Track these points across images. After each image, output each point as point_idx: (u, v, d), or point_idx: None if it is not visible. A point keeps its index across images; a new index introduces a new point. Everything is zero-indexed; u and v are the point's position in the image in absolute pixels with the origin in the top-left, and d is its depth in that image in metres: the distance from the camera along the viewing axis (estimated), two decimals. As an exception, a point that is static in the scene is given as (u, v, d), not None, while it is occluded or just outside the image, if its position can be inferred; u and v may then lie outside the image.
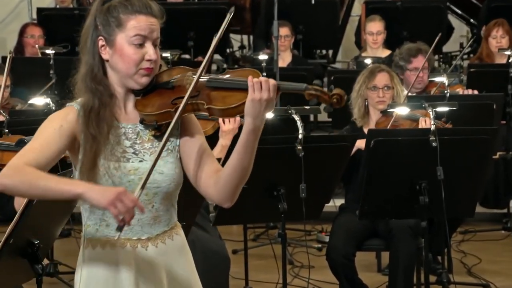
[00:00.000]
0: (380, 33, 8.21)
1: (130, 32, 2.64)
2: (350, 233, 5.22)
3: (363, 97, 5.55)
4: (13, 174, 2.53)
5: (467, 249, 6.73)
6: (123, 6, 2.66)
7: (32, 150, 2.59)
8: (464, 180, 4.79)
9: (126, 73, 2.65)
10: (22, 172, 2.53)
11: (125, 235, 2.66)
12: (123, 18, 2.65)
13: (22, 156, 2.58)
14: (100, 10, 2.68)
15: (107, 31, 2.66)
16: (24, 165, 2.55)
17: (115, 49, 2.65)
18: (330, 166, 4.81)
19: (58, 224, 4.13)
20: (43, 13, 8.97)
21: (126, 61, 2.64)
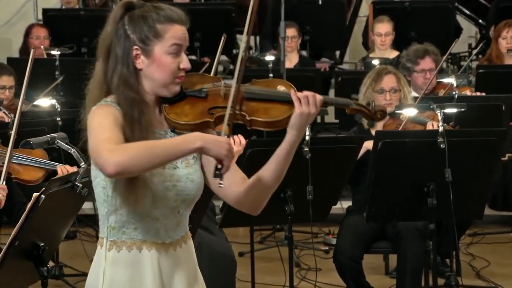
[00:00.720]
0: (388, 34, 8.19)
1: (168, 42, 2.65)
2: (358, 236, 5.22)
3: (369, 99, 5.53)
4: (123, 152, 2.46)
5: (475, 252, 6.71)
6: (157, 15, 2.67)
7: (110, 137, 2.52)
8: (472, 182, 4.79)
9: (163, 83, 2.67)
10: (126, 149, 2.47)
11: (151, 239, 2.69)
12: (160, 28, 2.65)
13: (108, 142, 2.49)
14: (130, 18, 2.67)
15: (144, 41, 2.65)
16: (123, 145, 2.50)
17: (153, 59, 2.66)
18: (337, 168, 4.81)
19: (64, 226, 4.15)
20: (48, 13, 8.99)
21: (164, 71, 2.66)
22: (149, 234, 2.67)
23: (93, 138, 2.54)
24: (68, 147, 4.19)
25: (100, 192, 2.68)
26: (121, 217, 2.68)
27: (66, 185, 3.86)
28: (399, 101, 5.54)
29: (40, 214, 3.66)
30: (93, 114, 2.62)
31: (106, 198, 2.67)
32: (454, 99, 6.02)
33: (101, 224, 2.72)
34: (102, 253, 2.72)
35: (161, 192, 2.65)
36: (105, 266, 2.70)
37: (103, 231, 2.72)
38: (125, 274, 2.69)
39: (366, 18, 9.58)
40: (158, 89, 2.68)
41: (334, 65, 9.53)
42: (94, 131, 2.56)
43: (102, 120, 2.58)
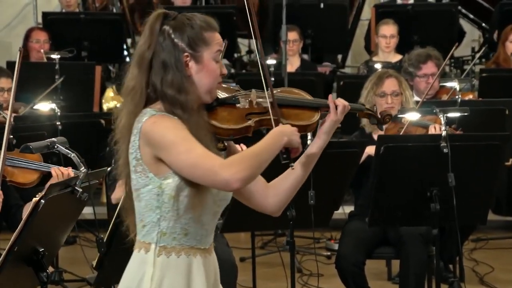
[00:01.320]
0: (393, 36, 8.17)
1: (213, 48, 2.80)
2: (360, 241, 5.22)
3: (371, 103, 5.53)
4: (240, 166, 2.63)
5: (479, 257, 6.71)
6: (201, 23, 2.79)
7: (205, 152, 2.66)
8: (476, 186, 4.78)
9: (209, 88, 2.80)
10: (242, 162, 2.65)
11: (196, 245, 2.81)
12: (206, 35, 2.79)
13: (210, 158, 2.65)
14: (174, 27, 2.77)
15: (193, 47, 2.77)
16: (231, 159, 2.68)
17: (203, 65, 2.78)
18: (339, 172, 4.81)
19: (63, 231, 4.15)
20: (48, 17, 8.99)
21: (212, 76, 2.79)
22: (195, 240, 2.80)
23: (185, 154, 2.65)
24: (68, 151, 4.19)
25: (152, 199, 2.75)
26: (174, 223, 2.77)
27: (66, 190, 3.86)
28: (400, 104, 5.54)
29: (40, 219, 3.66)
30: (158, 127, 2.69)
31: (160, 205, 2.74)
32: (457, 103, 6.02)
33: (148, 229, 2.78)
34: (148, 258, 2.78)
35: (208, 199, 2.79)
36: (154, 271, 2.77)
37: (149, 236, 2.78)
38: (175, 279, 2.78)
39: (368, 22, 9.58)
40: (202, 95, 2.79)
41: (336, 69, 9.54)
42: (177, 146, 2.66)
43: (178, 133, 2.68)
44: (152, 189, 2.74)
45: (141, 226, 2.80)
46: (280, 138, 2.73)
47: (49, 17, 8.98)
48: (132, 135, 2.75)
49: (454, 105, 5.92)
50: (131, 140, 2.75)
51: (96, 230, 3.99)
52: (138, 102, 2.77)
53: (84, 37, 8.73)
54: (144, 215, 2.78)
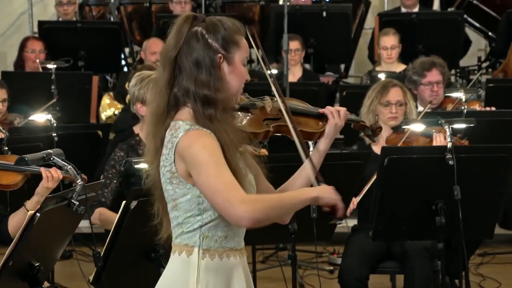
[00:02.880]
0: (394, 47, 8.17)
1: (243, 52, 2.90)
2: (364, 255, 5.22)
3: (374, 112, 5.54)
4: (258, 206, 2.74)
5: (486, 272, 6.70)
6: (233, 26, 2.88)
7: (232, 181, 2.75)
8: (482, 199, 4.79)
9: (237, 90, 2.89)
10: (260, 203, 2.76)
11: (234, 246, 2.92)
12: (237, 38, 2.88)
13: (234, 188, 2.74)
14: (207, 28, 2.83)
15: (226, 48, 2.85)
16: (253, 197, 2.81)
17: (234, 67, 2.87)
18: (342, 184, 4.78)
19: (59, 245, 4.14)
20: (44, 26, 9.01)
21: (240, 79, 2.89)
22: (234, 242, 2.91)
23: (213, 178, 2.74)
24: (64, 163, 4.19)
25: (193, 208, 2.84)
26: (216, 227, 2.86)
27: (62, 202, 3.86)
28: (404, 115, 5.54)
29: (35, 233, 3.66)
30: (194, 145, 2.76)
31: (201, 213, 2.84)
32: (463, 114, 6.02)
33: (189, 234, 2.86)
34: (191, 261, 2.87)
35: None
36: (199, 274, 2.86)
37: (191, 239, 2.86)
38: (219, 280, 2.89)
39: (372, 31, 9.60)
40: (229, 98, 2.87)
41: (339, 79, 9.55)
42: (208, 168, 2.75)
43: (212, 154, 2.76)
44: (191, 198, 2.83)
45: (180, 231, 2.88)
46: (308, 192, 2.85)
47: (45, 26, 9.00)
48: (166, 148, 2.83)
49: (460, 116, 5.91)
50: (164, 153, 2.83)
51: (93, 244, 3.99)
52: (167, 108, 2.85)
53: (81, 47, 8.75)
54: (184, 222, 2.86)
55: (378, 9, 10.66)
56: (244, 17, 9.51)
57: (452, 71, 9.47)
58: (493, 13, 10.05)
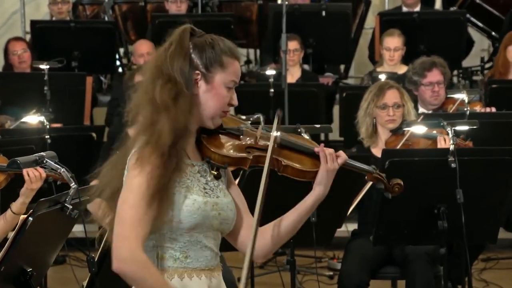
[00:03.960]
0: (398, 49, 8.15)
1: (229, 76, 2.85)
2: (364, 260, 5.22)
3: (371, 115, 5.54)
4: (132, 268, 2.69)
5: (489, 278, 6.71)
6: (224, 46, 2.86)
7: (141, 224, 2.70)
8: (485, 203, 4.79)
9: (213, 112, 2.84)
10: (138, 269, 2.70)
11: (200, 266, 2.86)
12: (225, 60, 2.84)
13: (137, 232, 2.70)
14: (194, 43, 2.84)
15: (207, 67, 2.83)
16: (141, 258, 2.70)
17: (212, 87, 2.83)
18: (342, 188, 4.80)
19: (52, 250, 4.14)
20: (37, 25, 8.99)
21: (218, 101, 2.84)
22: (198, 262, 2.84)
23: (126, 206, 2.71)
24: (57, 166, 4.19)
25: None
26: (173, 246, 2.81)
27: (55, 206, 3.86)
28: (402, 117, 5.54)
29: (28, 238, 3.67)
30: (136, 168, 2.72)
31: (155, 230, 2.77)
32: (466, 115, 6.02)
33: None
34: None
35: (209, 221, 2.83)
36: None
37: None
38: None
39: (373, 31, 9.60)
40: (204, 119, 2.84)
41: (338, 80, 9.55)
42: (130, 194, 2.71)
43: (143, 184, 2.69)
44: None
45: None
46: None
47: (38, 26, 8.99)
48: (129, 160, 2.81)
49: (462, 117, 5.91)
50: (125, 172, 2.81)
51: (87, 249, 3.99)
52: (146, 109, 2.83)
53: (74, 47, 8.75)
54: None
55: (378, 8, 10.66)
56: (241, 16, 9.52)
57: (455, 71, 9.47)
58: (496, 12, 10.06)
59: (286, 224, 2.99)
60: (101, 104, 9.10)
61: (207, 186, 2.85)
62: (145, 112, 2.82)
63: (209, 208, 2.81)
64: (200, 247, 2.84)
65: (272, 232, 2.97)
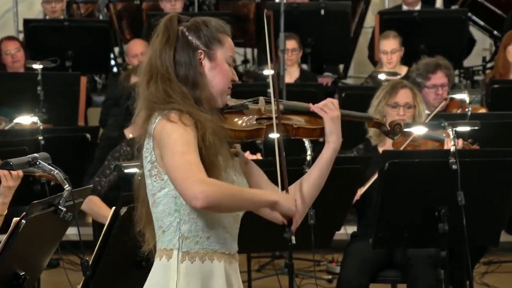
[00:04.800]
0: (395, 51, 8.13)
1: (227, 51, 2.97)
2: (363, 263, 5.22)
3: (381, 113, 5.52)
4: (217, 189, 2.73)
5: (491, 282, 6.71)
6: (216, 24, 2.97)
7: (196, 162, 2.76)
8: (487, 205, 4.79)
9: (221, 89, 2.94)
10: (220, 187, 2.75)
11: (221, 249, 2.92)
12: (220, 36, 2.96)
13: (196, 168, 2.74)
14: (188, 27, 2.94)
15: (207, 44, 2.94)
16: (213, 180, 2.76)
17: (216, 63, 2.94)
18: (341, 190, 4.82)
19: (46, 254, 4.14)
20: (30, 24, 8.99)
21: (224, 77, 2.95)
22: (219, 244, 2.91)
23: (178, 155, 2.76)
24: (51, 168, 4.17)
25: (169, 202, 2.87)
26: (196, 226, 2.87)
27: (48, 209, 3.85)
28: (412, 118, 5.53)
29: (20, 241, 3.66)
30: (168, 126, 2.80)
31: (178, 208, 2.86)
32: (467, 116, 6.02)
33: (168, 235, 2.88)
34: (171, 265, 2.88)
35: None
36: (178, 278, 2.86)
37: (171, 242, 2.89)
38: (199, 285, 2.87)
39: (372, 30, 9.61)
40: (213, 97, 2.93)
41: (337, 80, 9.55)
42: (176, 146, 2.77)
43: (183, 135, 2.79)
44: (169, 191, 2.85)
45: (161, 232, 2.90)
46: (270, 196, 2.86)
47: (31, 25, 8.98)
48: (146, 138, 2.88)
49: (464, 118, 5.91)
50: (145, 144, 2.89)
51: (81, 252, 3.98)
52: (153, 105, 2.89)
53: (68, 46, 8.74)
54: (163, 221, 2.88)
55: (378, 7, 10.67)
56: (238, 15, 9.52)
57: (456, 71, 9.48)
58: (498, 11, 10.06)
59: (310, 181, 3.04)
60: (96, 105, 9.10)
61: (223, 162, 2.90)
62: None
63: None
64: (222, 228, 2.89)
65: (300, 189, 3.02)
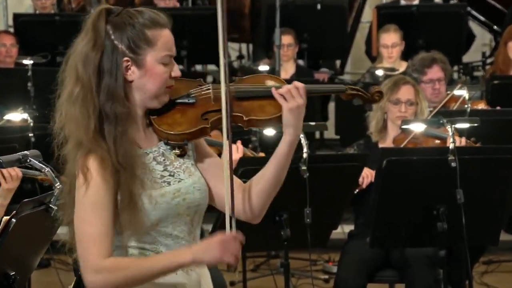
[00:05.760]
0: (395, 45, 8.13)
1: (160, 51, 2.70)
2: (360, 263, 5.22)
3: (383, 110, 5.52)
4: (109, 279, 2.62)
5: (490, 282, 6.72)
6: (144, 20, 2.71)
7: (97, 236, 2.64)
8: (486, 204, 4.80)
9: (155, 94, 2.72)
10: (116, 273, 2.62)
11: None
12: (150, 35, 2.70)
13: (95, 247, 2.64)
14: (114, 26, 2.72)
15: (134, 50, 2.69)
16: (109, 263, 2.63)
17: (146, 70, 2.70)
18: (338, 188, 4.82)
19: (37, 253, 4.14)
20: (20, 19, 8.99)
21: (157, 81, 2.71)
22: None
23: (78, 222, 2.69)
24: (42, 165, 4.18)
25: None
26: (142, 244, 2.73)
27: (39, 207, 3.86)
28: (414, 115, 5.52)
29: (11, 240, 3.66)
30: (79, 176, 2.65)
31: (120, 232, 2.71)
32: (467, 113, 6.02)
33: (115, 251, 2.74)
34: None
35: (173, 210, 2.73)
36: None
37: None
38: None
39: (370, 24, 9.61)
40: (148, 101, 2.73)
41: (334, 76, 9.57)
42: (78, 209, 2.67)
43: (90, 195, 2.63)
44: None
45: None
46: (182, 256, 2.63)
47: (21, 19, 8.98)
48: None
49: (463, 115, 5.92)
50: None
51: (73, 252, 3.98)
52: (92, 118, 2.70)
53: (59, 41, 8.69)
54: None
55: (376, 1, 10.68)
56: (233, 10, 9.52)
57: (455, 67, 9.49)
58: (498, 5, 10.08)
59: (265, 179, 2.80)
60: (87, 101, 9.07)
61: (165, 172, 2.74)
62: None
63: (169, 198, 2.71)
64: (172, 239, 2.74)
65: (255, 187, 2.82)
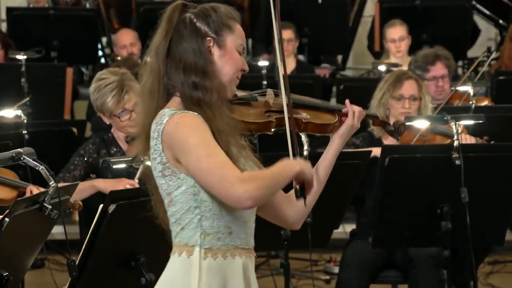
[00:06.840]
0: (403, 38, 8.12)
1: (237, 38, 2.99)
2: (363, 263, 5.23)
3: (385, 106, 5.49)
4: (256, 184, 2.77)
5: (496, 282, 6.73)
6: (225, 10, 2.99)
7: (227, 160, 2.80)
8: (492, 202, 4.80)
9: (230, 77, 2.96)
10: (257, 180, 2.80)
11: (241, 244, 2.95)
12: (230, 22, 2.98)
13: (230, 168, 2.78)
14: (196, 14, 2.94)
15: (217, 31, 2.94)
16: (249, 174, 2.81)
17: (225, 51, 2.95)
18: (339, 186, 4.82)
19: (30, 253, 4.14)
20: (13, 13, 8.97)
21: (234, 65, 2.97)
22: (240, 239, 2.94)
23: (205, 158, 2.78)
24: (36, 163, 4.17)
25: (188, 200, 2.88)
26: (218, 222, 2.90)
27: (33, 206, 3.85)
28: (418, 110, 5.51)
29: (4, 240, 3.66)
30: (181, 128, 2.82)
31: (199, 204, 2.87)
32: (471, 109, 6.02)
33: (188, 232, 2.90)
34: (192, 262, 2.90)
35: None
36: (201, 276, 2.88)
37: (192, 239, 2.90)
38: (221, 282, 2.91)
39: (372, 19, 9.60)
40: (223, 86, 2.94)
41: (335, 71, 9.56)
42: (198, 149, 2.79)
43: (201, 136, 2.81)
44: (186, 189, 2.87)
45: (179, 229, 2.91)
46: (292, 166, 2.86)
47: (14, 13, 8.97)
48: (153, 139, 2.88)
49: (468, 111, 5.91)
50: (152, 145, 2.88)
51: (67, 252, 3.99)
52: (158, 100, 2.92)
53: (53, 36, 8.73)
54: (182, 218, 2.90)
55: (378, -5, 10.67)
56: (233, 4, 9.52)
57: (459, 62, 9.48)
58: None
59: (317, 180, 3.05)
60: (82, 97, 9.08)
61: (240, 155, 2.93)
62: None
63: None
64: (242, 222, 2.92)
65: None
